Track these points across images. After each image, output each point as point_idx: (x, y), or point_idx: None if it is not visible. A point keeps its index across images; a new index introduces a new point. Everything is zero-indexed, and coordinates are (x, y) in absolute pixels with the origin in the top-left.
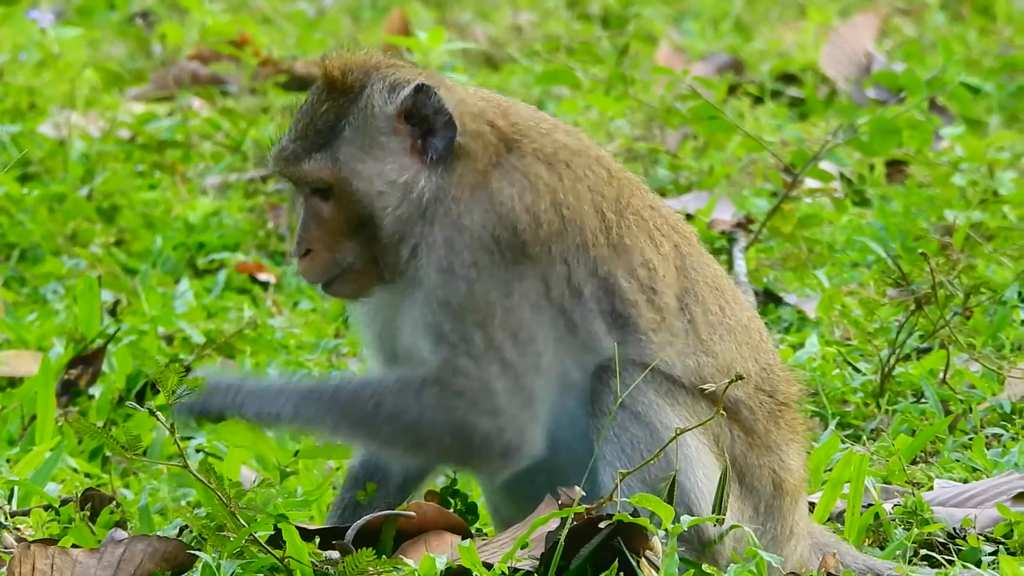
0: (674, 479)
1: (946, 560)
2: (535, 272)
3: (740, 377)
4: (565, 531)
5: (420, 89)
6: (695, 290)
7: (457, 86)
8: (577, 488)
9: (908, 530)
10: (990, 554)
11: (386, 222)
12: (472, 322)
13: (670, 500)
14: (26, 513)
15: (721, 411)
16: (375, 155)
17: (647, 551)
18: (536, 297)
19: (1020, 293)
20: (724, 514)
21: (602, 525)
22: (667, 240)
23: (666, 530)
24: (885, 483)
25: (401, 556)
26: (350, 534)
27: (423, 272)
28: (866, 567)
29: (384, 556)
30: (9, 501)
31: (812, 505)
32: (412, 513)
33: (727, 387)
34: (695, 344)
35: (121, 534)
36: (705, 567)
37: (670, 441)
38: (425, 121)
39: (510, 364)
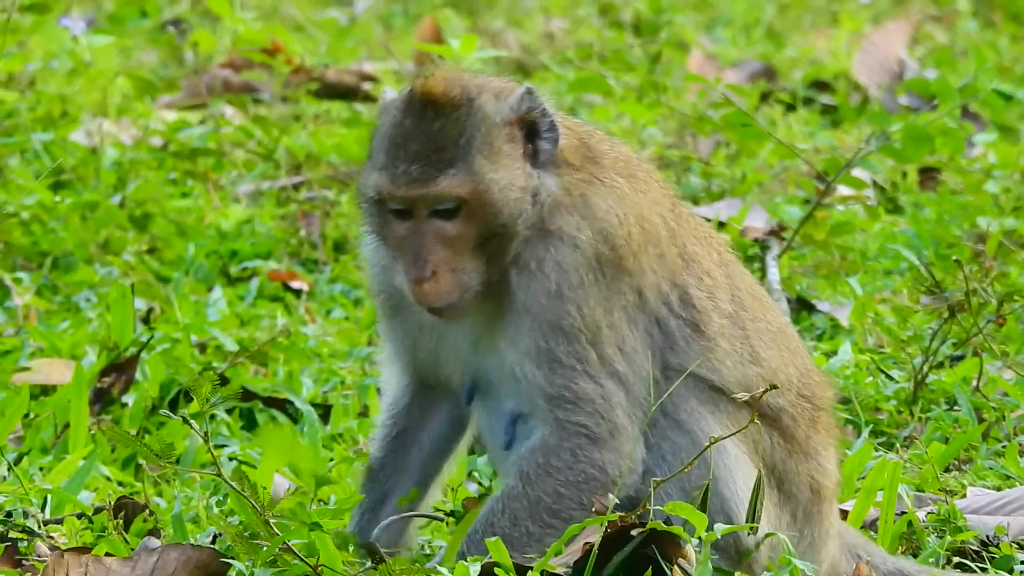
0: (707, 487)
1: (979, 568)
2: (631, 284)
3: (774, 387)
4: (599, 538)
5: (528, 92)
6: (740, 297)
7: None
8: (611, 495)
9: (941, 538)
10: (1023, 562)
11: (520, 227)
12: (586, 342)
13: (703, 508)
14: (59, 521)
15: (756, 419)
16: (503, 163)
17: (680, 559)
18: (633, 310)
19: None
20: (758, 523)
21: (634, 532)
22: (713, 248)
23: (699, 538)
24: (918, 491)
25: (435, 565)
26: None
27: (531, 298)
28: (896, 569)
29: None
30: (42, 509)
31: (845, 513)
32: (441, 516)
33: (762, 395)
34: (747, 352)
35: (154, 542)
36: (739, 575)
37: (705, 448)
38: (532, 125)
39: (622, 376)
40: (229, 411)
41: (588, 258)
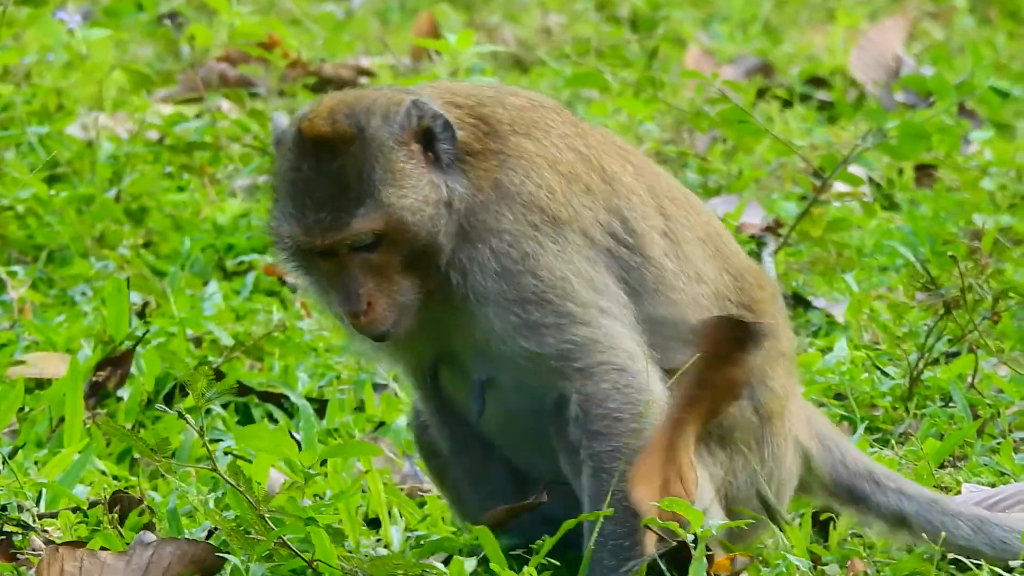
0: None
1: (974, 565)
2: (573, 229)
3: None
4: (594, 536)
5: (414, 105)
6: (665, 208)
7: (405, 88)
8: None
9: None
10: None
11: (442, 242)
12: (557, 299)
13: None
14: (54, 515)
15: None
16: (410, 185)
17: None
18: (587, 250)
19: None
20: (785, 521)
21: None
22: (626, 160)
23: (695, 534)
24: None
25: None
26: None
27: (483, 287)
28: (866, 470)
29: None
30: (37, 503)
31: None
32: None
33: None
34: (691, 270)
35: (149, 537)
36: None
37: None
38: (427, 132)
39: (607, 310)
40: (225, 405)
41: (520, 232)
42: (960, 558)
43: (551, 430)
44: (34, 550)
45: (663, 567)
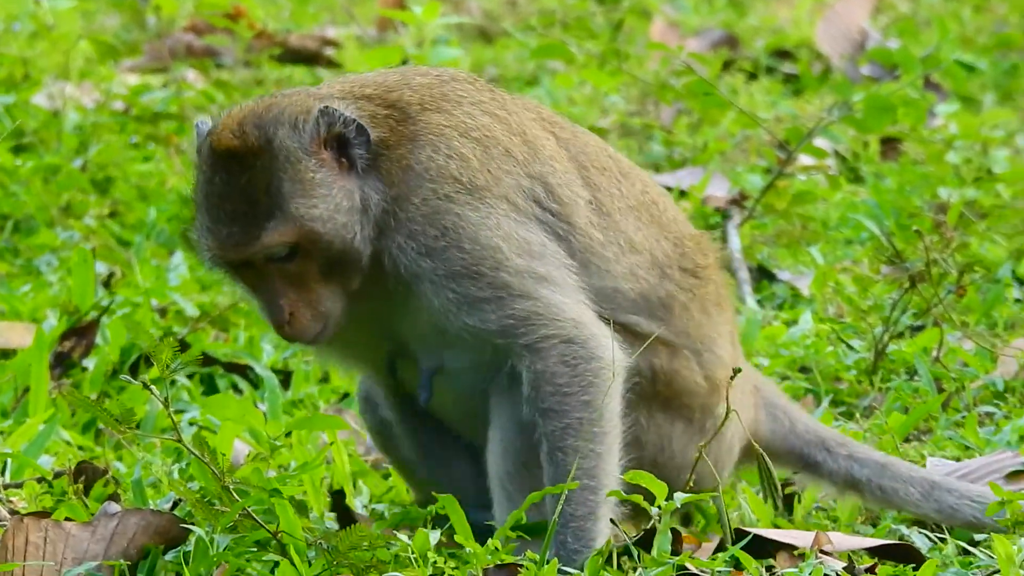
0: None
1: (939, 538)
2: (495, 194)
3: (738, 371)
4: (560, 507)
5: (323, 113)
6: (591, 177)
7: (317, 91)
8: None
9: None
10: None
11: (358, 247)
12: (490, 269)
13: None
14: (19, 486)
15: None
16: (320, 194)
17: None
18: (514, 215)
19: (1014, 271)
20: (779, 502)
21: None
22: (547, 128)
23: (659, 506)
24: None
25: (394, 532)
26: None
27: (413, 270)
28: (817, 438)
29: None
30: (2, 473)
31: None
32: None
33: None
34: (623, 240)
35: (114, 507)
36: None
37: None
38: (339, 138)
39: (546, 276)
40: (190, 376)
41: (434, 208)
42: (925, 532)
43: (503, 409)
44: None
45: (632, 548)
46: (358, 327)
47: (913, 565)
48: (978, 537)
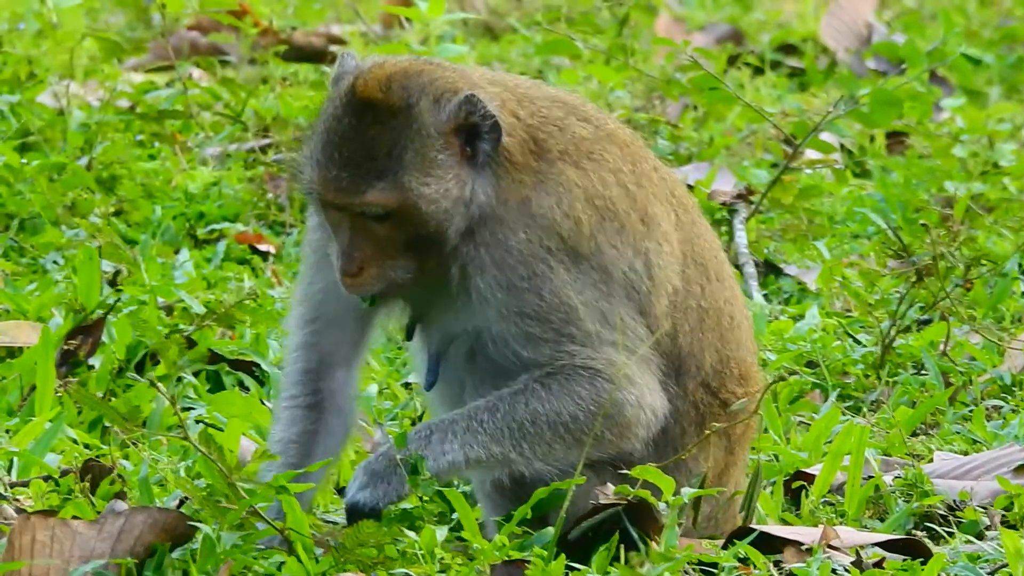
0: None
1: (946, 532)
2: (592, 263)
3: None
4: (566, 503)
5: (468, 100)
6: (687, 271)
7: (469, 72)
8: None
9: (908, 502)
10: (987, 528)
11: (450, 236)
12: (560, 320)
13: None
14: (26, 484)
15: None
16: (436, 174)
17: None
18: (603, 286)
19: (1020, 265)
20: (752, 513)
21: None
22: (672, 209)
23: (667, 502)
24: (885, 455)
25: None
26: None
27: (485, 291)
28: None
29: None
30: (9, 472)
31: (812, 478)
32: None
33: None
34: (670, 328)
35: (121, 505)
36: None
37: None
38: (473, 128)
39: (613, 343)
40: (196, 374)
41: (532, 253)
42: (933, 526)
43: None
44: (5, 519)
45: (631, 531)
46: (403, 294)
47: (921, 560)
48: (986, 531)
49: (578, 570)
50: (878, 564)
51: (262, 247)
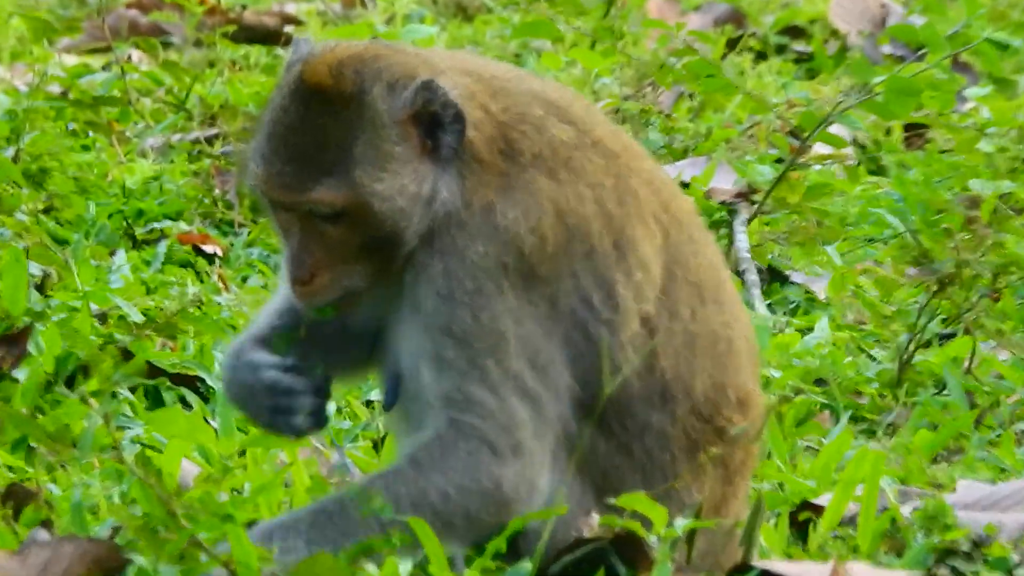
0: None
1: (971, 571)
2: (544, 292)
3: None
4: (546, 535)
5: (425, 86)
6: (673, 291)
7: (433, 57)
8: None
9: (928, 537)
10: (1017, 565)
11: (407, 238)
12: (482, 350)
13: None
14: None
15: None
16: (391, 169)
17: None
18: (547, 319)
19: None
20: (754, 548)
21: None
22: (659, 227)
23: (658, 535)
24: (903, 484)
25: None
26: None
27: (421, 298)
28: None
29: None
30: None
31: (821, 509)
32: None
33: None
34: (646, 362)
35: (43, 535)
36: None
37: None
38: (433, 117)
39: (531, 393)
40: (133, 389)
41: (485, 268)
42: (956, 564)
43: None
44: None
45: (618, 567)
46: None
47: None
48: (1016, 570)
49: None
50: None
51: (208, 248)
